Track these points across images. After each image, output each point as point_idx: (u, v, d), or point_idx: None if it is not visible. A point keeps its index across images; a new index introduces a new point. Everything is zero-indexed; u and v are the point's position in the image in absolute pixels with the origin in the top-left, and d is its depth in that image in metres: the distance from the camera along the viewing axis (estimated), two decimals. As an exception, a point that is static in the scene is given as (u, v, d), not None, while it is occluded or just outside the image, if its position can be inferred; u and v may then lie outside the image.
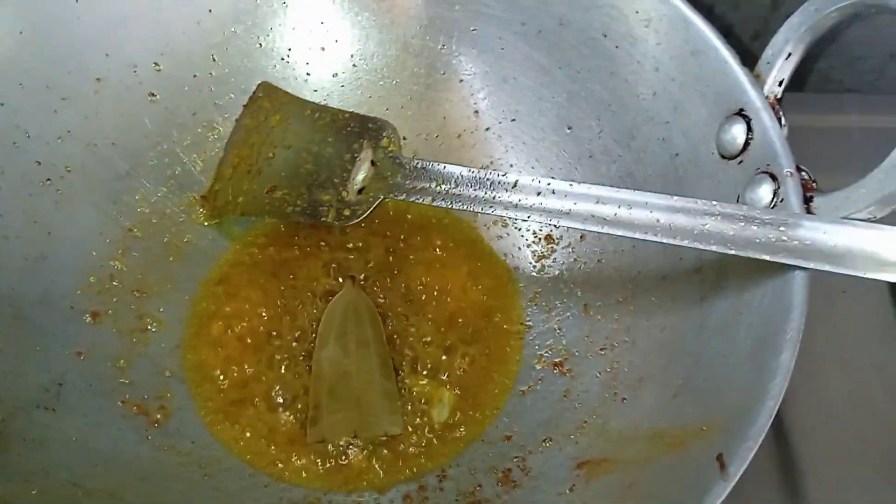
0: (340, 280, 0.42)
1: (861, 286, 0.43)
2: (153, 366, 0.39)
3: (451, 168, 0.39)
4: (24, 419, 0.33)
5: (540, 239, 0.44)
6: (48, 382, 0.35)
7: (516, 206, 0.36)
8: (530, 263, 0.44)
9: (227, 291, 0.42)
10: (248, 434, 0.38)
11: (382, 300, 0.42)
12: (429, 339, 0.40)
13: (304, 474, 0.37)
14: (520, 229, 0.45)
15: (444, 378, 0.40)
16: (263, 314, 0.41)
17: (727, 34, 0.53)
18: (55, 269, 0.38)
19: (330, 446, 0.37)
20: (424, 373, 0.40)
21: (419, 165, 0.40)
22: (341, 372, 0.38)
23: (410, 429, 0.38)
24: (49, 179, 0.39)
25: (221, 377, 0.39)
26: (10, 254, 0.37)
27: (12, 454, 0.32)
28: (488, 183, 0.38)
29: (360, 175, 0.42)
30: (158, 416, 0.37)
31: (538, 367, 0.40)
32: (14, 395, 0.34)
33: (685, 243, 0.32)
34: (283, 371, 0.40)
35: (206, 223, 0.43)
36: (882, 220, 0.31)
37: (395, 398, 0.38)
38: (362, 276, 0.42)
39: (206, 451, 0.37)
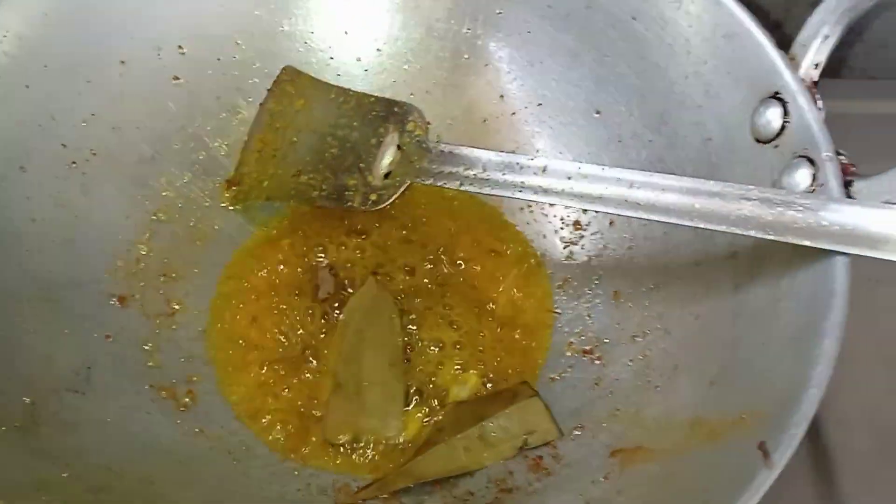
0: (365, 269, 0.42)
1: (894, 273, 0.42)
2: (180, 350, 0.39)
3: (478, 152, 0.38)
4: (55, 401, 0.33)
5: (568, 225, 0.44)
6: (77, 365, 0.35)
7: (546, 190, 0.36)
8: (558, 250, 0.43)
9: (253, 277, 0.42)
10: (274, 419, 0.38)
11: (409, 287, 0.41)
12: (456, 325, 0.40)
13: (331, 460, 0.37)
14: (547, 215, 0.44)
15: (471, 364, 0.39)
16: (288, 301, 0.41)
17: (756, 14, 0.53)
18: (82, 252, 0.38)
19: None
20: (449, 361, 0.39)
21: (446, 150, 0.40)
22: (352, 370, 0.38)
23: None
24: (74, 163, 0.39)
25: (247, 363, 0.39)
26: (37, 237, 0.37)
27: (42, 436, 0.32)
28: (517, 167, 0.37)
29: (387, 159, 0.42)
30: (186, 400, 0.37)
31: (568, 354, 0.40)
32: (43, 377, 0.34)
33: (722, 228, 0.32)
34: (308, 359, 0.39)
35: (231, 207, 0.43)
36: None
37: (399, 401, 0.38)
38: (390, 263, 0.42)
39: (235, 437, 0.36)
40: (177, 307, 0.40)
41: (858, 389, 0.40)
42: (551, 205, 0.43)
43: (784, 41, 0.37)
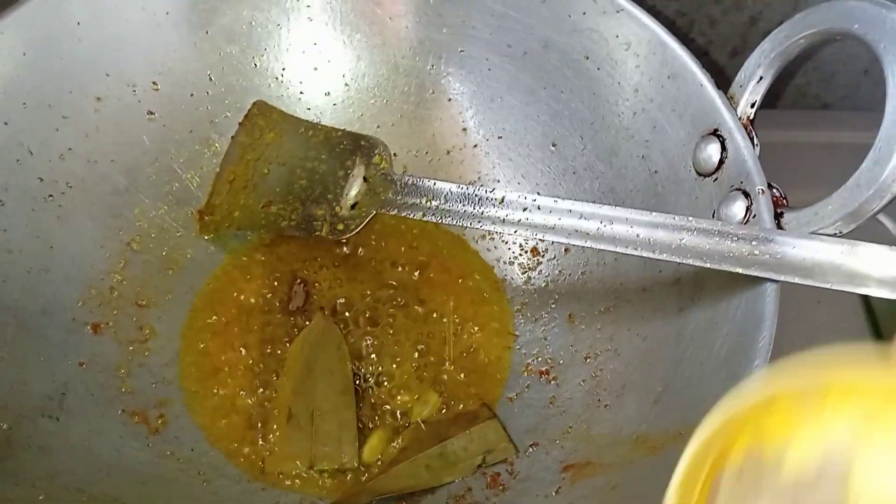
0: (333, 293, 0.43)
1: (834, 297, 0.44)
2: (152, 375, 0.40)
3: (440, 184, 0.40)
4: (30, 427, 0.34)
5: (526, 252, 0.46)
6: (52, 391, 0.36)
7: (503, 221, 0.38)
8: (518, 275, 0.45)
9: (223, 303, 0.43)
10: (241, 443, 0.39)
11: (373, 310, 0.43)
12: (419, 348, 0.42)
13: (297, 482, 0.38)
14: (506, 242, 0.46)
15: (434, 385, 0.41)
16: (258, 325, 0.42)
17: (705, 52, 0.56)
18: (57, 281, 0.40)
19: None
20: (411, 382, 0.41)
21: (410, 182, 0.42)
22: (303, 402, 0.39)
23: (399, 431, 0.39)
24: (51, 195, 0.40)
25: (216, 388, 0.40)
26: (12, 267, 0.38)
27: (19, 461, 0.33)
28: (476, 199, 0.39)
29: (353, 191, 0.44)
30: (158, 423, 0.38)
31: (525, 374, 0.42)
32: (19, 403, 0.35)
33: (664, 257, 0.34)
34: (274, 384, 0.41)
35: (203, 237, 0.45)
36: (847, 235, 0.33)
37: (351, 428, 0.39)
38: (355, 288, 0.43)
39: (205, 458, 0.38)
40: (149, 334, 0.41)
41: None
42: (510, 234, 0.45)
43: (724, 83, 0.39)
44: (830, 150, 0.54)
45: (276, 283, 0.44)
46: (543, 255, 0.45)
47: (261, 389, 0.40)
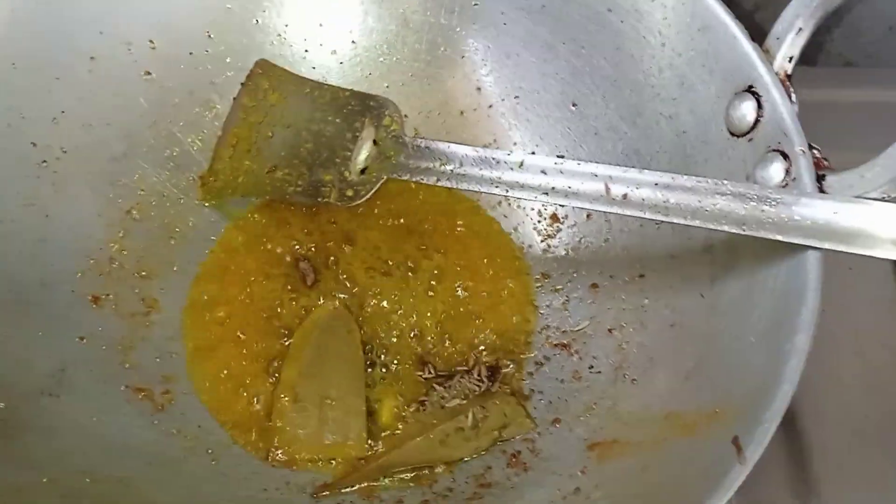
0: (348, 263, 0.41)
1: (866, 263, 0.42)
2: (155, 350, 0.39)
3: (455, 147, 0.38)
4: (31, 406, 0.33)
5: (545, 218, 0.44)
6: (52, 368, 0.35)
7: (522, 186, 0.36)
8: (537, 243, 0.44)
9: (226, 274, 0.41)
10: (247, 420, 0.37)
11: (386, 280, 0.41)
12: (438, 321, 0.40)
13: (308, 462, 0.37)
14: (524, 208, 0.44)
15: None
16: (263, 295, 0.41)
17: (728, 3, 0.53)
18: (55, 252, 0.38)
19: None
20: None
21: (422, 145, 0.40)
22: (312, 386, 0.37)
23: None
24: (45, 161, 0.39)
25: (221, 362, 0.39)
26: (8, 238, 0.37)
27: (25, 443, 0.31)
28: (494, 162, 0.37)
29: (363, 155, 0.42)
30: (163, 400, 0.37)
31: (546, 347, 0.40)
32: (19, 381, 0.34)
33: (696, 223, 0.32)
34: (280, 359, 0.39)
35: (205, 204, 0.43)
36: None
37: (360, 416, 0.37)
38: (370, 256, 0.42)
39: (212, 436, 0.36)
40: (152, 306, 0.40)
41: (833, 381, 0.41)
42: (530, 200, 0.43)
43: (755, 31, 0.37)
44: (860, 108, 0.52)
45: (279, 250, 0.42)
46: (563, 222, 0.43)
47: (266, 364, 0.39)
